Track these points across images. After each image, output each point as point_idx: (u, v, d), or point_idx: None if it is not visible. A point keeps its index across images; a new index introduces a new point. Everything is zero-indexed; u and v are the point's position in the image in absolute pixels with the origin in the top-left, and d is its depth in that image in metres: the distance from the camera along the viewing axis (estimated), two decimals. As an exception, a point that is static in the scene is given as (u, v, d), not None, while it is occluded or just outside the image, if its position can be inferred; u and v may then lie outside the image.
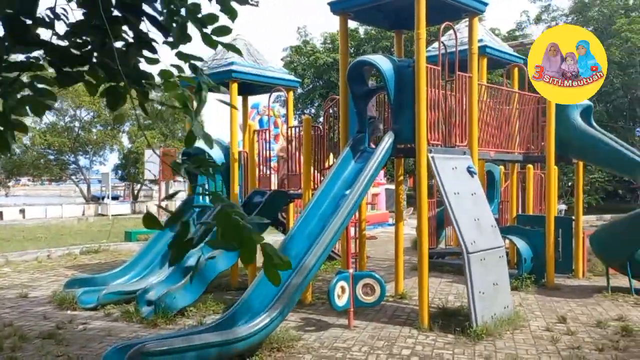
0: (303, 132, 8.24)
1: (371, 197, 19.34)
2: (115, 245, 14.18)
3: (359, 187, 6.60)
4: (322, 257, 6.12)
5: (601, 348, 5.81)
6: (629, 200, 25.76)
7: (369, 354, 5.70)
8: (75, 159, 31.18)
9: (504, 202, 11.80)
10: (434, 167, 6.78)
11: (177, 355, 4.79)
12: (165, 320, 6.90)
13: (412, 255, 11.19)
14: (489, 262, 6.76)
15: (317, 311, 7.56)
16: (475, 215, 6.93)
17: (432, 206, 11.16)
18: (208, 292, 7.89)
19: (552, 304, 7.89)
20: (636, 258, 8.33)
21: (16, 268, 11.32)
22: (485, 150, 8.18)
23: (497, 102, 8.51)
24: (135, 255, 9.20)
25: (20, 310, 7.81)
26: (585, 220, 12.23)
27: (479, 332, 6.13)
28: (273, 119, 10.55)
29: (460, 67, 7.36)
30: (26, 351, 5.92)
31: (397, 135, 7.09)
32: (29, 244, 14.92)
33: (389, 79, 6.96)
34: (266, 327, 5.40)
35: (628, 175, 9.29)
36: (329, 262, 10.70)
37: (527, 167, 10.27)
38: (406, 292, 8.36)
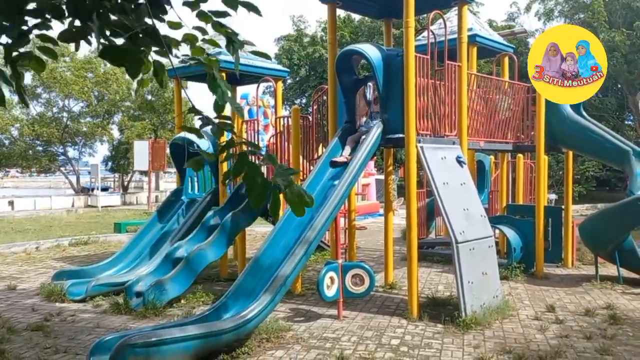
0: (292, 122, 8.19)
1: (361, 187, 19.34)
2: (104, 237, 14.11)
3: (348, 178, 6.57)
4: (311, 247, 6.10)
5: (589, 336, 5.85)
6: (619, 189, 25.93)
7: (358, 344, 5.70)
8: (64, 150, 30.93)
9: (494, 192, 11.82)
10: (423, 157, 6.76)
11: (165, 347, 4.76)
12: (154, 312, 6.87)
13: (402, 245, 11.21)
14: (478, 251, 6.77)
15: (306, 302, 7.56)
16: (464, 205, 6.93)
17: (422, 196, 11.16)
18: (197, 283, 7.86)
19: (541, 293, 7.93)
20: (624, 247, 8.39)
21: (4, 260, 11.22)
22: (475, 139, 8.17)
23: (487, 92, 8.49)
24: (124, 247, 9.15)
25: (9, 302, 7.75)
26: (576, 209, 12.30)
27: (468, 321, 6.15)
28: (262, 110, 10.47)
29: (449, 56, 7.33)
30: (14, 343, 5.87)
31: (386, 125, 7.06)
32: (18, 236, 14.81)
33: (377, 68, 6.92)
34: (255, 317, 5.38)
35: (617, 164, 9.34)
36: (318, 252, 10.70)
37: (517, 157, 10.29)
38: (396, 283, 8.37)
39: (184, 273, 7.40)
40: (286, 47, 31.94)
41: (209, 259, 7.68)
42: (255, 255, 6.31)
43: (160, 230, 9.11)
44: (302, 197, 2.43)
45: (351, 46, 7.47)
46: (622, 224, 8.26)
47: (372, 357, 5.28)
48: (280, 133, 8.96)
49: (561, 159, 20.98)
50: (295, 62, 30.87)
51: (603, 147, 8.95)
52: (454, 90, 7.39)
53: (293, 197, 2.43)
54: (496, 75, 9.49)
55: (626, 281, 8.41)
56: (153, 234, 9.12)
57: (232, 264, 9.78)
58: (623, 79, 24.56)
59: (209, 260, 7.71)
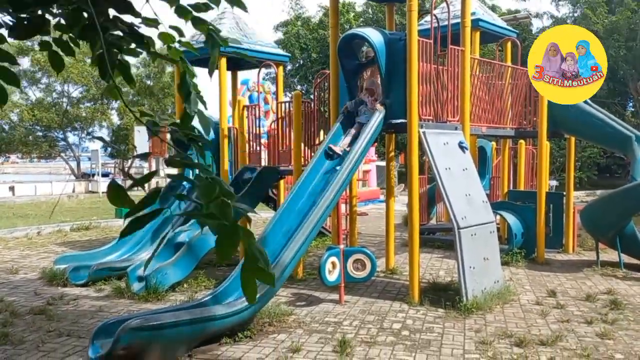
0: (293, 107, 8.15)
1: (362, 173, 19.32)
2: (105, 222, 14.12)
3: (350, 163, 6.55)
4: (313, 233, 6.09)
5: (590, 321, 5.87)
6: (619, 176, 25.93)
7: (359, 328, 5.72)
8: (64, 136, 30.83)
9: (495, 178, 11.81)
10: (426, 143, 6.73)
11: (168, 330, 4.78)
12: (156, 296, 6.89)
13: (403, 231, 11.23)
14: (480, 237, 6.78)
15: (308, 286, 7.58)
16: (466, 191, 6.92)
17: (423, 182, 11.15)
18: (199, 268, 7.88)
19: (542, 278, 7.95)
20: (626, 233, 8.40)
21: (6, 245, 11.25)
22: (477, 125, 8.14)
23: (489, 77, 8.44)
24: (125, 232, 9.14)
25: (11, 286, 7.77)
26: (576, 195, 12.29)
27: (469, 306, 6.17)
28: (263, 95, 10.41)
29: (452, 40, 7.26)
30: (17, 327, 5.90)
31: (388, 110, 7.02)
32: (19, 221, 14.82)
33: (380, 52, 6.86)
34: (257, 301, 5.39)
35: (619, 150, 9.33)
36: (319, 238, 10.71)
37: (519, 143, 10.26)
38: (397, 268, 8.39)
39: (185, 258, 7.42)
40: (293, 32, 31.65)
41: (210, 244, 7.68)
42: (257, 240, 6.31)
43: (161, 216, 9.11)
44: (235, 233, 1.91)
45: (353, 30, 7.41)
46: (624, 210, 8.26)
47: (373, 341, 5.31)
48: (282, 118, 8.92)
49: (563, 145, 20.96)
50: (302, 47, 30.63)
51: (605, 132, 8.93)
52: (457, 75, 7.34)
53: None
54: (499, 61, 9.43)
55: (627, 267, 8.43)
56: (154, 220, 9.11)
57: (234, 249, 9.79)
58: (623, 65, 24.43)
59: (210, 246, 7.71)
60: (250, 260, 1.87)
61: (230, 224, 1.90)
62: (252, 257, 1.87)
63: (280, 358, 4.89)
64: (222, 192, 1.97)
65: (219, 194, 1.97)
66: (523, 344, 5.16)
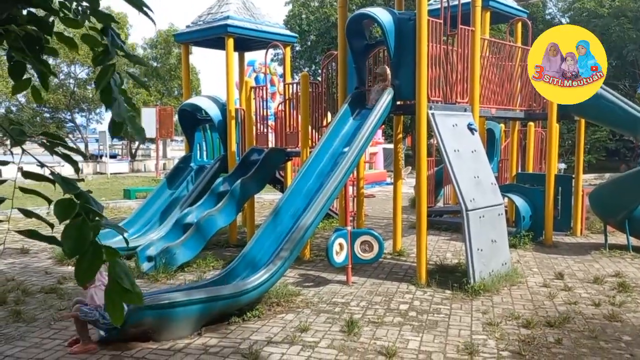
0: (301, 88, 8.10)
1: (369, 156, 19.29)
2: (114, 203, 14.20)
3: (358, 145, 6.53)
4: (320, 214, 6.10)
5: (598, 303, 5.88)
6: (628, 159, 25.73)
7: (367, 309, 5.76)
8: (71, 117, 30.91)
9: (504, 161, 11.75)
10: (434, 124, 6.69)
11: (177, 309, 4.84)
12: (165, 276, 6.95)
13: (410, 214, 11.24)
14: (488, 219, 6.77)
15: (315, 267, 7.62)
16: (475, 173, 6.89)
17: (430, 165, 11.11)
18: (207, 249, 7.94)
19: (549, 261, 7.95)
20: (634, 216, 8.36)
21: (16, 225, 11.34)
22: (487, 107, 8.08)
23: (499, 58, 8.35)
24: (134, 213, 9.21)
25: (22, 265, 7.87)
26: (585, 179, 12.22)
27: (476, 287, 6.18)
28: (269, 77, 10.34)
29: (462, 21, 7.17)
30: (29, 305, 5.98)
31: (396, 91, 6.98)
32: (28, 201, 14.92)
33: (389, 32, 6.79)
34: (266, 281, 5.43)
35: (629, 132, 9.24)
36: (327, 220, 10.73)
37: (528, 125, 10.18)
38: (404, 250, 8.41)
39: (194, 238, 7.46)
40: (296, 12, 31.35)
41: (218, 225, 7.73)
42: (265, 221, 6.34)
43: (169, 197, 9.15)
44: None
45: (362, 10, 7.32)
46: (633, 193, 8.21)
47: (381, 322, 5.34)
48: (289, 100, 8.88)
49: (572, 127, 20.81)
50: (305, 28, 30.33)
51: (615, 114, 8.82)
52: (467, 56, 7.26)
53: None
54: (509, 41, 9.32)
55: (635, 250, 8.41)
56: (163, 200, 9.16)
57: (241, 231, 9.84)
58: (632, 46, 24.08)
59: (218, 226, 7.76)
60: (114, 283, 1.79)
61: (90, 247, 1.80)
62: (115, 280, 1.79)
63: (288, 337, 4.94)
64: (85, 210, 1.85)
65: (80, 213, 1.84)
66: (530, 325, 5.18)
